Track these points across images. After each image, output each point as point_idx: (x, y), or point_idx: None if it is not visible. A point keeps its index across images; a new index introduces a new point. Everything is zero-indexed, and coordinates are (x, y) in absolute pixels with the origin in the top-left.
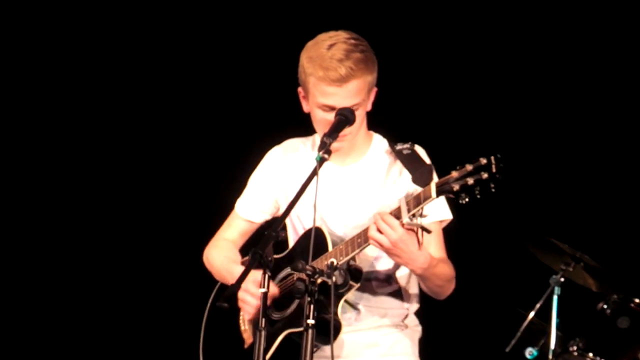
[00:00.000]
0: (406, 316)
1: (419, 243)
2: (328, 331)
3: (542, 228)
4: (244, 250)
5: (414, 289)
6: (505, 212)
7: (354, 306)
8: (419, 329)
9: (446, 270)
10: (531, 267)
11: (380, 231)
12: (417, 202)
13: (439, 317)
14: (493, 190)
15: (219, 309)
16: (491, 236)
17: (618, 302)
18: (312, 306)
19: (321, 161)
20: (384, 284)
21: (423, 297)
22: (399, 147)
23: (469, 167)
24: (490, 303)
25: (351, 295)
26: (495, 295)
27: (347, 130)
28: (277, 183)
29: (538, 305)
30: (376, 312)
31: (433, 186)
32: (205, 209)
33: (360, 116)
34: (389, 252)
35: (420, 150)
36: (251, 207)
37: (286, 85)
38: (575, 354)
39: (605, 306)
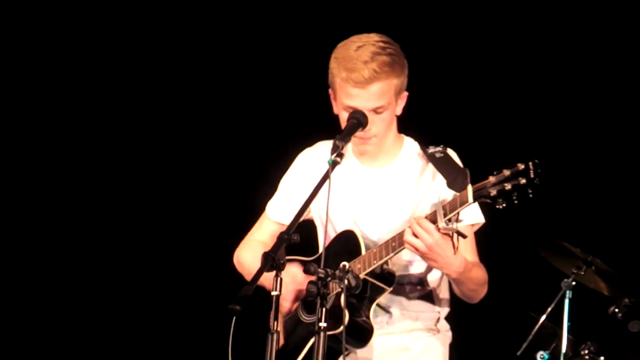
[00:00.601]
0: (438, 320)
1: (455, 247)
2: (360, 334)
3: (553, 232)
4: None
5: (444, 293)
6: (517, 216)
7: (386, 310)
8: (450, 334)
9: (480, 274)
10: (542, 271)
11: (415, 235)
12: (453, 206)
13: (451, 321)
14: (531, 195)
15: (231, 310)
16: (503, 240)
17: (629, 305)
18: (323, 309)
19: (333, 164)
20: (416, 288)
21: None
22: (431, 150)
23: (507, 173)
24: (502, 306)
25: (383, 299)
26: (506, 298)
27: (371, 132)
28: (308, 187)
29: (549, 309)
30: (408, 315)
31: (470, 191)
32: (235, 211)
33: (387, 120)
34: (424, 256)
35: (452, 153)
36: (283, 210)
37: (317, 86)
38: (587, 357)
39: (616, 310)
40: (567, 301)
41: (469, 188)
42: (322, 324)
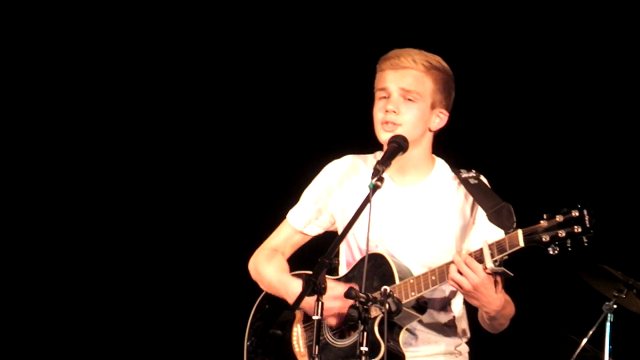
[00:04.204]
0: (459, 344)
1: (498, 287)
2: None
3: (594, 255)
4: (293, 263)
5: (465, 323)
6: None
7: (411, 332)
8: (467, 356)
9: (511, 309)
10: (584, 294)
11: (460, 273)
12: (501, 248)
13: (492, 344)
14: (586, 244)
15: (272, 335)
16: (544, 263)
17: None
18: (365, 334)
19: (374, 189)
20: (440, 313)
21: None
22: (464, 175)
23: (560, 218)
24: (544, 330)
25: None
26: (548, 322)
27: (398, 119)
28: (336, 199)
29: (591, 332)
30: (433, 339)
31: (520, 234)
32: (252, 218)
33: (416, 116)
34: (468, 294)
35: (485, 180)
36: (305, 219)
37: (344, 100)
38: None
39: None
40: (608, 324)
41: (520, 231)
42: (364, 349)
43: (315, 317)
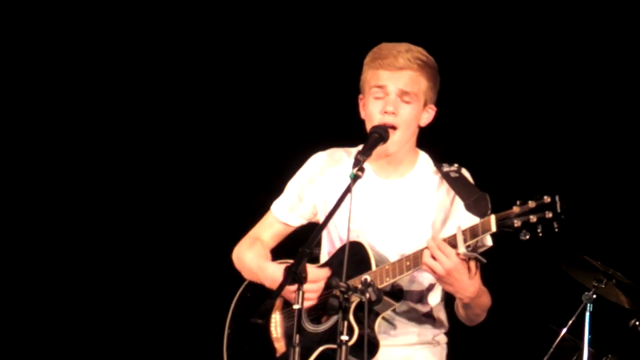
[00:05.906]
0: (437, 334)
1: (471, 273)
2: (367, 348)
3: (574, 245)
4: (276, 252)
5: (443, 315)
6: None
7: (390, 322)
8: (446, 347)
9: (487, 300)
10: (564, 284)
11: (434, 258)
12: (474, 233)
13: (472, 334)
14: (557, 230)
15: (253, 324)
16: (524, 253)
17: None
18: (345, 322)
19: (355, 178)
20: (417, 304)
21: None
22: (445, 168)
23: (532, 204)
24: (523, 319)
25: (388, 312)
26: (528, 311)
27: (396, 120)
28: (318, 190)
29: (570, 322)
30: (411, 329)
31: (493, 219)
32: (238, 211)
33: (411, 116)
34: (441, 280)
35: (466, 173)
36: (288, 210)
37: (332, 93)
38: None
39: (637, 323)
40: (587, 314)
41: (492, 217)
42: (344, 337)
43: (295, 306)
